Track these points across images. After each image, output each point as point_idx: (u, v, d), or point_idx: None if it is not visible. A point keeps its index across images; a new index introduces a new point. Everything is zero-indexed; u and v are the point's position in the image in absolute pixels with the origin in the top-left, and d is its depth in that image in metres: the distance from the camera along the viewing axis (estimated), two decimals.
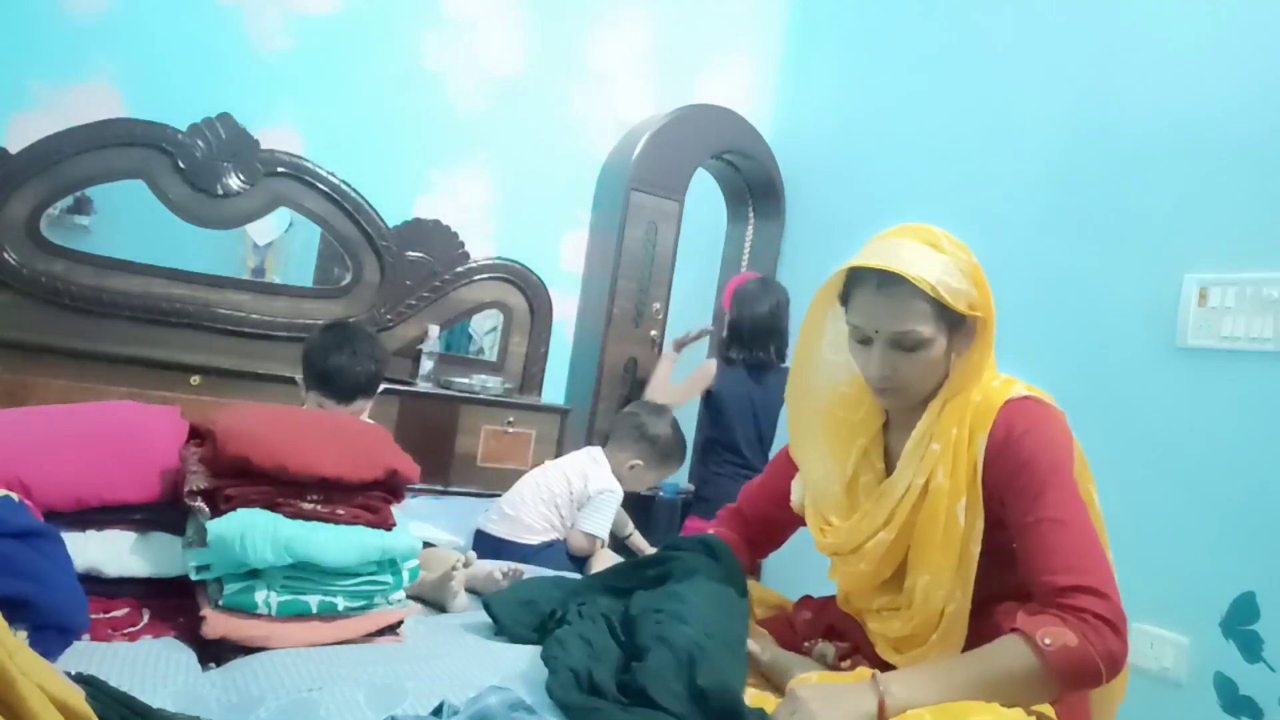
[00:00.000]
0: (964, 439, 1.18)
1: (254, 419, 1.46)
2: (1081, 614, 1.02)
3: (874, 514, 1.25)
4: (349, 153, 2.76)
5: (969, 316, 1.20)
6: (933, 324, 1.18)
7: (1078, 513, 1.11)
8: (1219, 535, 1.93)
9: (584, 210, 3.26)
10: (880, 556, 1.24)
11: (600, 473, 2.20)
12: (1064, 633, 1.01)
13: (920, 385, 1.23)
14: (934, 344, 1.19)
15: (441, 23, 2.96)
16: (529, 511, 2.12)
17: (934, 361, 1.20)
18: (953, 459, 1.18)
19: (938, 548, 1.19)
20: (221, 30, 2.63)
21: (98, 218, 2.60)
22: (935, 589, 1.19)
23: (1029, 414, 1.17)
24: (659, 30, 3.34)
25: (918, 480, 1.20)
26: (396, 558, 1.42)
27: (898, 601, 1.26)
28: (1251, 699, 1.84)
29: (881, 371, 1.21)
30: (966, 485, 1.17)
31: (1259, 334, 1.91)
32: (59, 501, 1.33)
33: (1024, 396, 1.19)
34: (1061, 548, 1.08)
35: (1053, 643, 1.01)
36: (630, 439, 2.27)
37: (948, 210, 2.72)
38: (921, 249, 1.18)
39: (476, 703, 1.06)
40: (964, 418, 1.19)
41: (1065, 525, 1.09)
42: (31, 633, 1.06)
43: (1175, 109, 2.15)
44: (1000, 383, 1.22)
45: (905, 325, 1.17)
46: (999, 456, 1.15)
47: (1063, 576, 1.06)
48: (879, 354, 1.21)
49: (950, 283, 1.16)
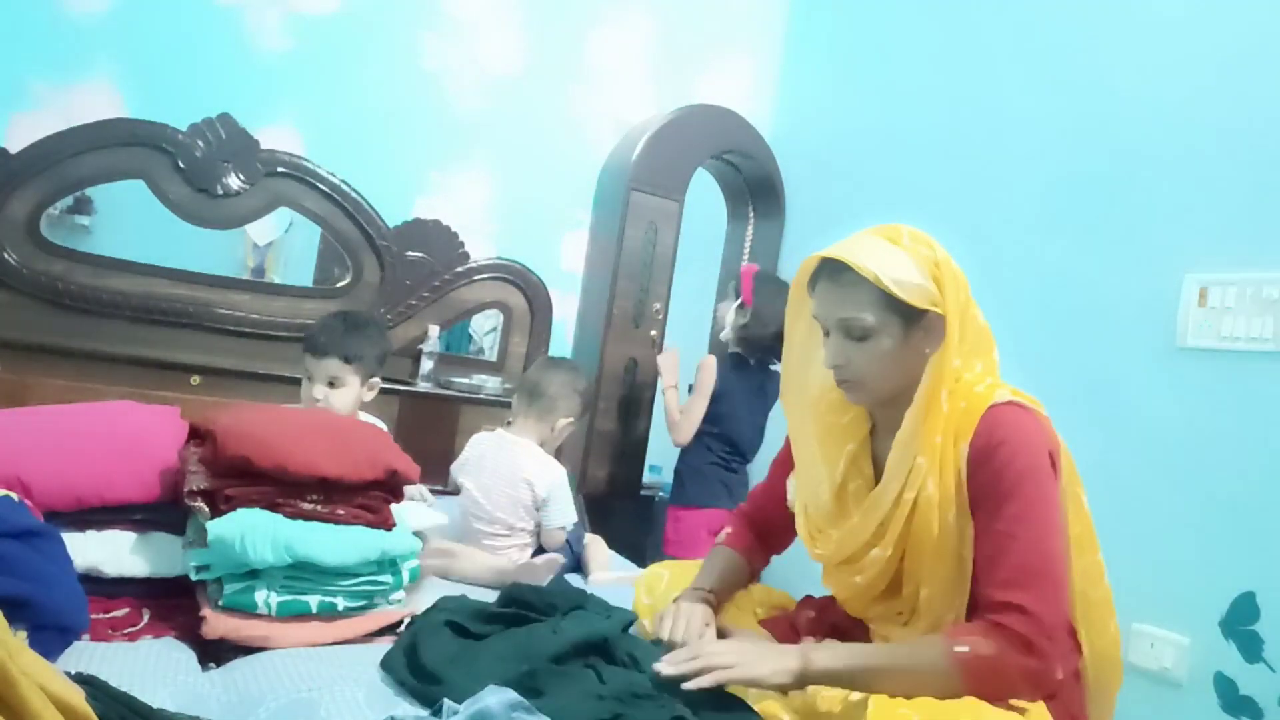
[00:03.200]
0: (948, 447, 1.18)
1: (254, 419, 1.46)
2: (1003, 631, 1.06)
3: (864, 526, 1.25)
4: (349, 153, 2.76)
5: (928, 313, 1.20)
6: (879, 313, 1.19)
7: (1034, 528, 1.11)
8: (1219, 535, 1.92)
9: (584, 210, 3.26)
10: (879, 571, 1.25)
11: (539, 468, 2.08)
12: (980, 642, 1.05)
13: (876, 380, 1.23)
14: (883, 334, 1.20)
15: (441, 23, 2.96)
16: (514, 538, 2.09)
17: (887, 354, 1.21)
18: (939, 469, 1.18)
19: (934, 558, 1.19)
20: (221, 30, 2.63)
21: (98, 218, 2.60)
22: (938, 599, 1.20)
23: (1008, 421, 1.16)
24: (659, 30, 3.34)
25: (907, 494, 1.20)
26: (396, 558, 1.42)
27: (895, 608, 1.27)
28: (1251, 699, 1.84)
29: (835, 360, 1.24)
30: (955, 493, 1.18)
31: (1259, 334, 1.91)
32: (59, 501, 1.33)
33: (1007, 402, 1.18)
34: (1005, 562, 1.10)
35: (968, 650, 1.05)
36: (564, 397, 2.18)
37: (948, 210, 2.73)
38: (877, 242, 1.22)
39: (476, 702, 1.06)
40: (947, 426, 1.18)
41: (1015, 539, 1.10)
42: (32, 632, 1.06)
43: (1175, 109, 2.15)
44: (985, 387, 1.21)
45: (848, 311, 1.20)
46: (978, 465, 1.16)
47: (998, 590, 1.09)
48: (832, 342, 1.24)
49: (898, 275, 1.18)
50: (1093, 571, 1.23)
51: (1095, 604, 1.23)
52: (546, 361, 2.34)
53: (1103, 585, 1.25)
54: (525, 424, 2.17)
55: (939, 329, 1.20)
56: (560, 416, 2.18)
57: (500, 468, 2.08)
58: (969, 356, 1.22)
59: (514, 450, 2.10)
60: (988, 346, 1.27)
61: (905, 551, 1.23)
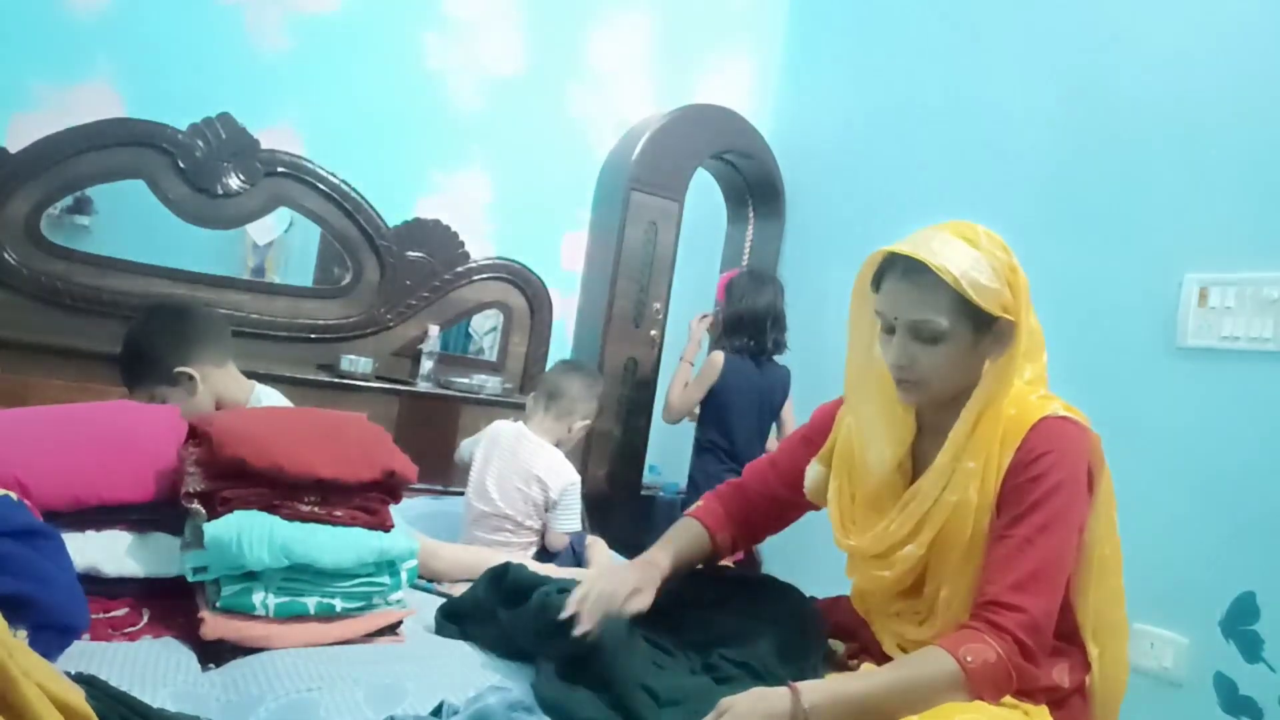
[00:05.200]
0: (994, 453, 1.17)
1: (250, 420, 1.46)
2: (1003, 632, 1.07)
3: (901, 523, 1.24)
4: (349, 153, 2.76)
5: (1000, 319, 1.17)
6: (953, 317, 1.15)
7: (1052, 539, 1.11)
8: (1219, 535, 1.92)
9: (584, 210, 3.26)
10: (908, 568, 1.24)
11: (554, 470, 2.09)
12: (983, 650, 1.05)
13: (940, 383, 1.20)
14: (954, 338, 1.16)
15: (441, 23, 2.96)
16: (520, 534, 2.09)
17: (954, 358, 1.18)
18: (983, 475, 1.18)
19: (961, 560, 1.19)
20: (221, 30, 2.63)
21: (98, 218, 2.60)
22: (956, 602, 1.20)
23: (1055, 435, 1.16)
24: (659, 30, 3.34)
25: (950, 496, 1.19)
26: (395, 559, 1.42)
27: (916, 607, 1.27)
28: (1251, 699, 1.84)
29: (898, 360, 1.20)
30: (996, 500, 1.17)
31: (1259, 334, 1.91)
32: (58, 501, 1.33)
33: (1059, 416, 1.18)
34: (1019, 566, 1.10)
35: (974, 660, 1.04)
36: (583, 400, 2.20)
37: (947, 210, 2.71)
38: (955, 242, 1.16)
39: (476, 703, 1.06)
40: (998, 434, 1.18)
41: (1034, 546, 1.11)
42: (31, 632, 1.06)
43: (1175, 109, 2.15)
44: (1039, 398, 1.20)
45: (923, 314, 1.16)
46: (1017, 471, 1.16)
47: (1006, 593, 1.09)
48: (898, 342, 1.20)
49: (977, 278, 1.13)
50: (1113, 596, 1.24)
51: (1112, 626, 1.23)
52: (567, 364, 2.36)
53: (1120, 610, 1.25)
54: (542, 423, 2.18)
55: (1008, 335, 1.18)
56: (578, 419, 2.21)
57: (517, 464, 2.09)
58: (1023, 360, 1.21)
59: (532, 449, 2.12)
60: (1039, 351, 1.26)
61: (933, 551, 1.22)
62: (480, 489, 2.09)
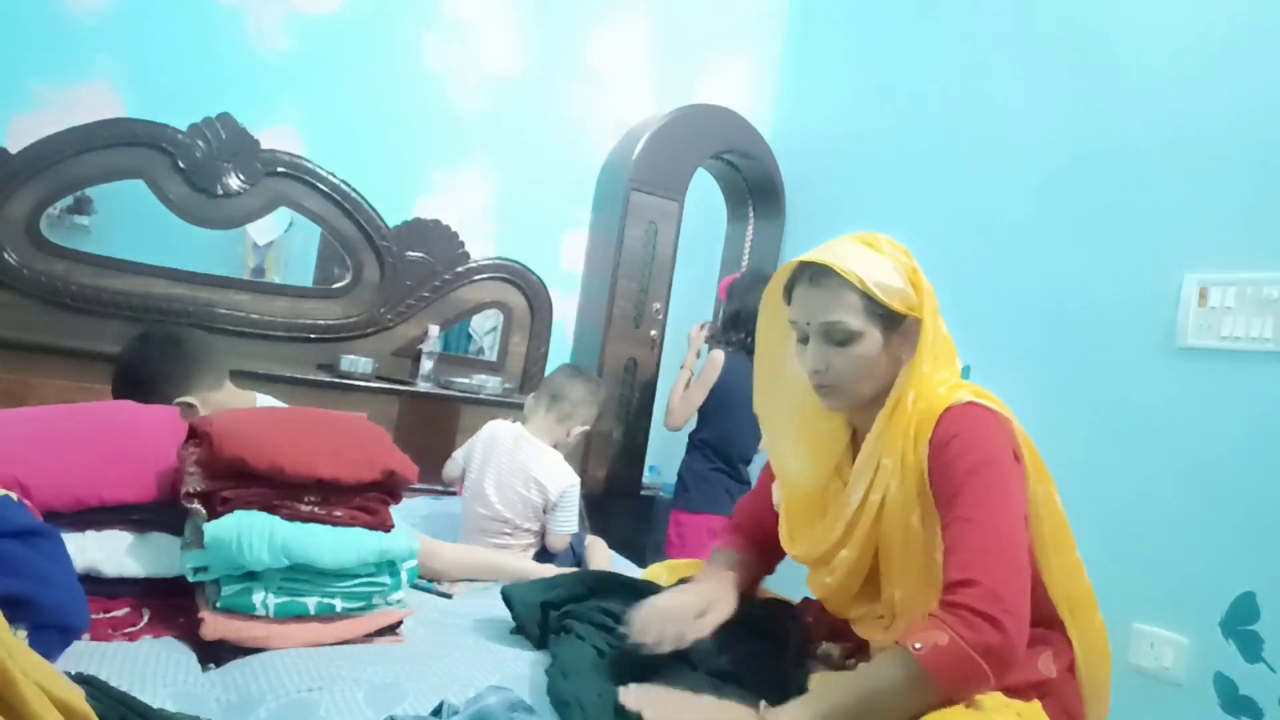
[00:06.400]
0: (909, 448, 1.18)
1: (250, 420, 1.46)
2: (957, 610, 1.01)
3: (832, 527, 1.26)
4: (349, 153, 2.76)
5: (907, 317, 1.21)
6: (862, 318, 1.20)
7: (988, 512, 1.08)
8: (1219, 535, 1.92)
9: (584, 210, 3.26)
10: (848, 571, 1.25)
11: (553, 473, 2.09)
12: (933, 634, 1.00)
13: (856, 384, 1.23)
14: (865, 339, 1.21)
15: (441, 23, 2.96)
16: (520, 536, 2.09)
17: (867, 358, 1.21)
18: (901, 470, 1.18)
19: (902, 560, 1.20)
20: (221, 30, 2.63)
21: (98, 218, 2.60)
22: (912, 600, 1.20)
23: (963, 418, 1.16)
24: (659, 30, 3.34)
25: (873, 496, 1.21)
26: (395, 559, 1.42)
27: (876, 610, 1.28)
28: (1251, 699, 1.84)
29: (815, 365, 1.24)
30: (917, 494, 1.18)
31: (1259, 334, 1.91)
32: (58, 501, 1.33)
33: (966, 402, 1.18)
34: (960, 547, 1.07)
35: (922, 646, 0.99)
36: (584, 405, 2.21)
37: (947, 210, 2.73)
38: (858, 248, 1.23)
39: (476, 703, 1.06)
40: (909, 427, 1.19)
41: (970, 523, 1.08)
42: (31, 632, 1.06)
43: (1175, 109, 2.15)
44: (946, 389, 1.21)
45: (833, 316, 1.20)
46: (935, 461, 1.16)
47: (954, 571, 1.05)
48: (812, 348, 1.24)
49: (881, 279, 1.19)
50: (1074, 569, 1.23)
51: (1079, 600, 1.23)
52: (571, 369, 2.37)
53: (1084, 581, 1.24)
54: (542, 425, 2.18)
55: (915, 334, 1.22)
56: (577, 424, 2.22)
57: (515, 465, 2.08)
58: (935, 366, 1.22)
59: (530, 450, 2.11)
60: (951, 358, 1.27)
61: (879, 554, 1.23)
62: (478, 492, 2.09)
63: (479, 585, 1.81)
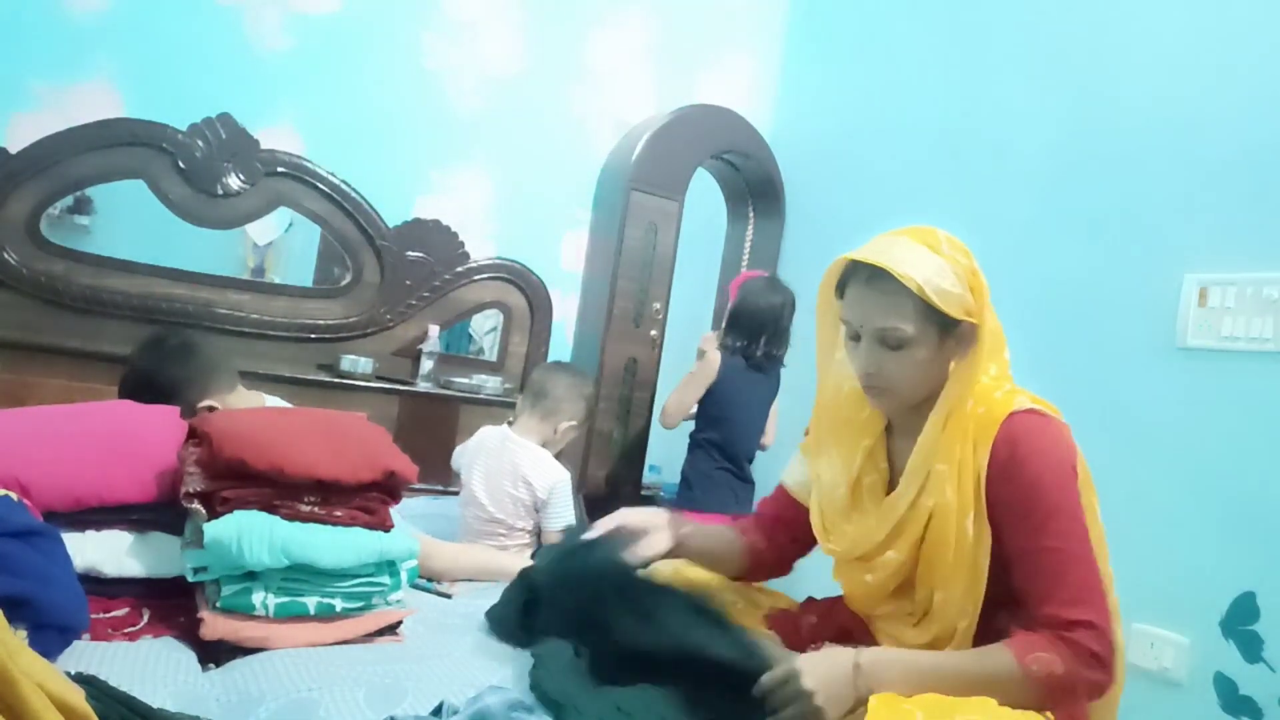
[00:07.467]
0: (968, 455, 1.18)
1: (250, 421, 1.46)
2: (1077, 648, 1.07)
3: (878, 528, 1.25)
4: (349, 153, 2.76)
5: (963, 322, 1.19)
6: (918, 323, 1.17)
7: (1080, 541, 1.12)
8: (1219, 535, 1.92)
9: (584, 210, 3.26)
10: (891, 574, 1.25)
11: (539, 469, 2.08)
12: (1054, 660, 1.05)
13: (908, 387, 1.22)
14: (920, 344, 1.18)
15: (441, 23, 2.96)
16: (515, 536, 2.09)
17: (921, 363, 1.19)
18: (958, 476, 1.18)
19: (950, 565, 1.19)
20: (221, 30, 2.62)
21: (98, 218, 2.60)
22: (951, 605, 1.19)
23: (1032, 430, 1.16)
24: (659, 30, 3.34)
25: (925, 501, 1.20)
26: (395, 559, 1.42)
27: (907, 608, 1.27)
28: (1251, 699, 1.84)
29: (866, 368, 1.22)
30: (973, 500, 1.17)
31: (1259, 334, 1.91)
32: (58, 502, 1.33)
33: (1027, 410, 1.18)
34: (1065, 579, 1.10)
35: (1039, 669, 1.05)
36: (569, 400, 2.20)
37: (947, 210, 2.72)
38: (916, 248, 1.18)
39: (476, 703, 1.06)
40: (967, 433, 1.18)
41: (1068, 555, 1.11)
42: (32, 632, 1.06)
43: (1175, 108, 2.14)
44: (1004, 394, 1.20)
45: (889, 321, 1.17)
46: (1002, 475, 1.15)
47: (1066, 609, 1.09)
48: (865, 350, 1.21)
49: (940, 284, 1.15)
50: (1108, 582, 1.24)
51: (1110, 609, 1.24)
52: (553, 364, 2.35)
53: (1112, 594, 1.25)
54: (528, 424, 2.17)
55: (970, 337, 1.20)
56: (564, 420, 2.19)
57: (503, 466, 2.08)
58: (987, 360, 1.22)
59: (516, 449, 2.10)
60: (1000, 348, 1.26)
61: (920, 556, 1.23)
62: (470, 495, 2.09)
63: (479, 585, 1.81)
